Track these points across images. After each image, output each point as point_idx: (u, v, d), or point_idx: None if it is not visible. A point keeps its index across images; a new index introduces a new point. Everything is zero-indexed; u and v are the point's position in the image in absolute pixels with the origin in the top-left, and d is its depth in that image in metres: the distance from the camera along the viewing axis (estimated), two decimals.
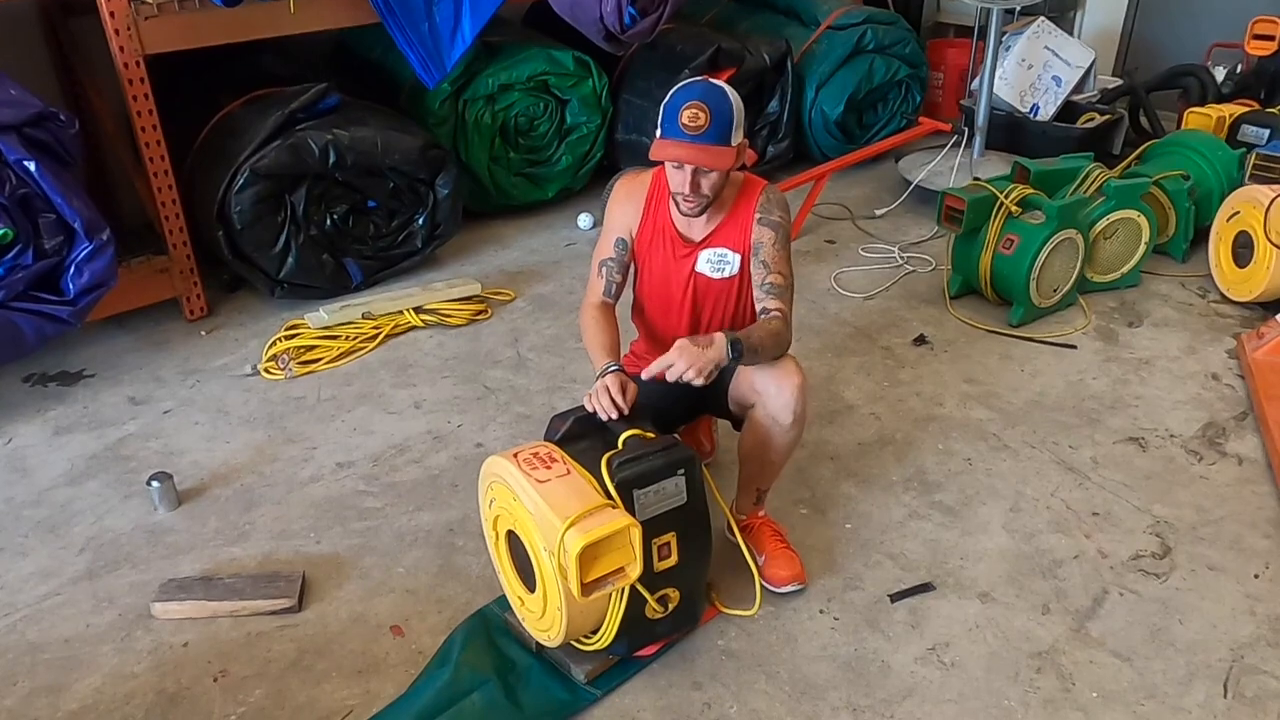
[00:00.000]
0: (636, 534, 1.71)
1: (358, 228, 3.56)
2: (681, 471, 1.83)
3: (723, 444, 2.64)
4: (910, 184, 4.33)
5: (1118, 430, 2.75)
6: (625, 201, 2.21)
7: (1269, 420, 2.66)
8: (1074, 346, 3.20)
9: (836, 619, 2.11)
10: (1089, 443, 2.70)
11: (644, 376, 1.91)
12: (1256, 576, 2.21)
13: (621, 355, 2.17)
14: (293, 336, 3.23)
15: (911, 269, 3.79)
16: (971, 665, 1.98)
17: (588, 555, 1.67)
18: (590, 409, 1.94)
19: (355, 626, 2.11)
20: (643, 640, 1.95)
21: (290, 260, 3.41)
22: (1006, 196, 3.30)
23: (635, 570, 1.74)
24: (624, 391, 1.93)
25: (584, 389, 2.08)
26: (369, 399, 2.97)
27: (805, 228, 4.13)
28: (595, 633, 1.89)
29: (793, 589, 2.15)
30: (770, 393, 2.02)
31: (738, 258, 2.13)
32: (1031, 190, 3.36)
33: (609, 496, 1.75)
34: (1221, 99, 4.51)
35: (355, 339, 3.25)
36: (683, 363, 1.84)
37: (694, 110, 1.91)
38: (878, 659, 2.00)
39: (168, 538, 2.39)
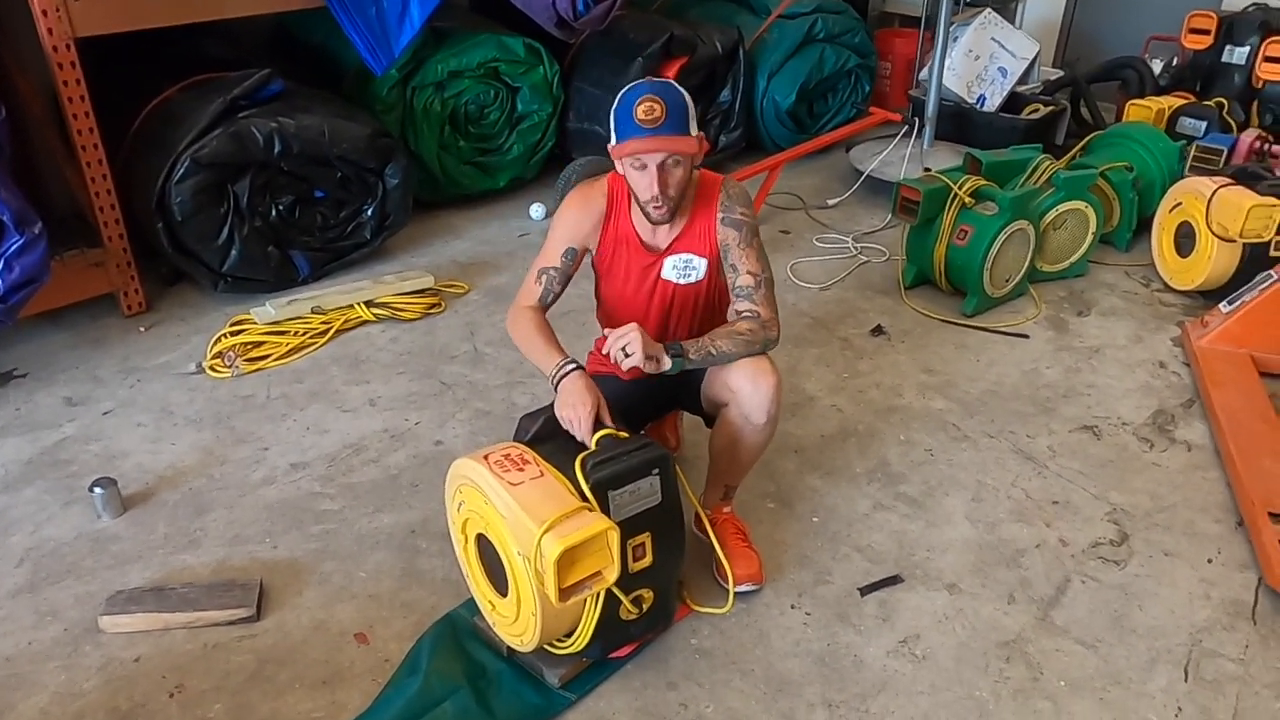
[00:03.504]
0: (615, 537, 1.68)
1: (304, 219, 3.45)
2: (656, 471, 1.80)
3: (689, 439, 2.62)
4: (862, 174, 4.35)
5: (1072, 419, 2.80)
6: (581, 210, 2.10)
7: (1216, 407, 2.74)
8: (1026, 336, 3.26)
9: (808, 614, 2.11)
10: (1045, 431, 2.74)
11: (603, 351, 1.93)
12: (1209, 561, 2.27)
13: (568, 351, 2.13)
14: (238, 332, 3.11)
15: (866, 259, 3.81)
16: (942, 656, 2.00)
17: (565, 560, 1.63)
18: (565, 421, 1.90)
19: (317, 635, 2.04)
20: (617, 642, 1.92)
21: (234, 253, 3.28)
22: (960, 188, 3.33)
23: (612, 574, 1.71)
24: (598, 409, 1.88)
25: (543, 384, 2.04)
26: (321, 396, 2.88)
27: (760, 217, 4.10)
28: (569, 636, 1.86)
29: (748, 589, 2.13)
30: (745, 391, 2.00)
31: (704, 262, 2.09)
32: (984, 181, 3.40)
33: (584, 499, 1.72)
34: (1159, 91, 4.62)
35: (305, 334, 3.15)
36: (639, 355, 1.86)
37: (649, 104, 1.86)
38: (850, 653, 2.01)
39: (113, 546, 2.29)
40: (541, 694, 1.88)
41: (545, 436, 1.90)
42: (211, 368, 2.99)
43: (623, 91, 1.94)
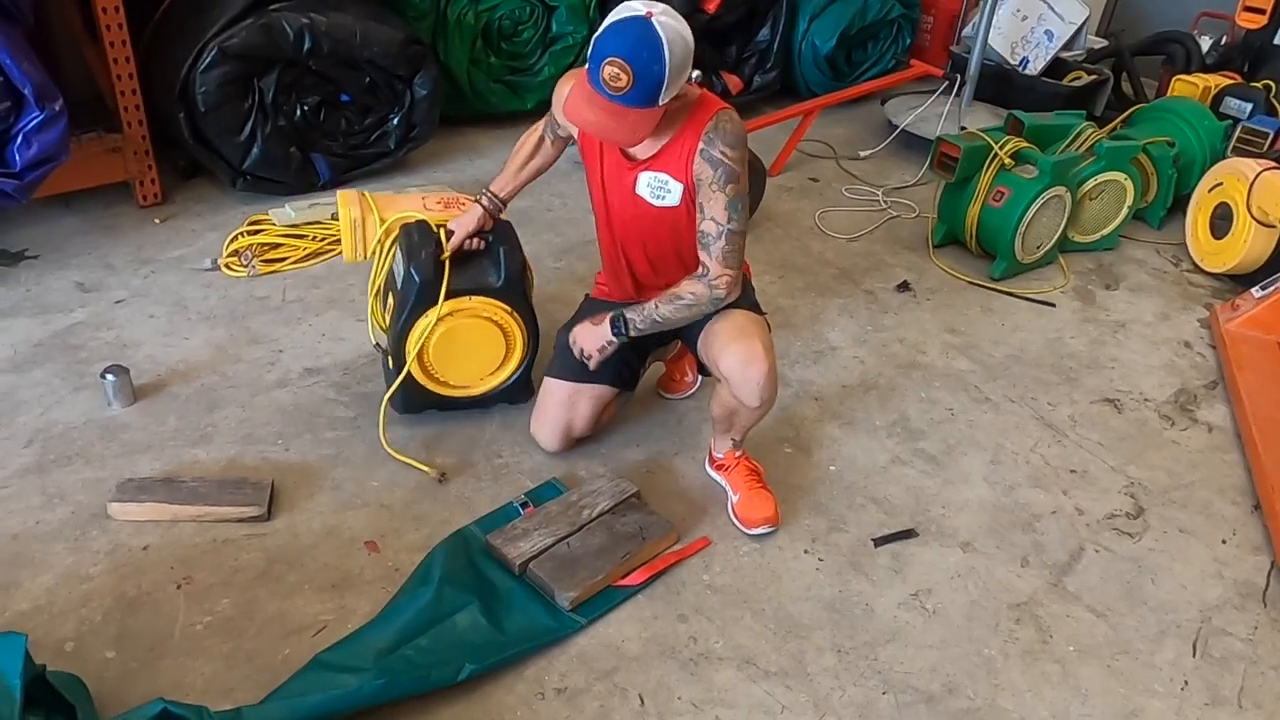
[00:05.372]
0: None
1: (329, 122, 3.37)
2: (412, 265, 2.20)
3: (706, 381, 2.58)
4: (896, 127, 4.26)
5: (1094, 390, 2.77)
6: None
7: (1240, 390, 2.71)
8: (1053, 305, 3.21)
9: (821, 560, 2.09)
10: (1067, 401, 2.71)
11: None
12: (1224, 542, 2.26)
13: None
14: (256, 232, 3.04)
15: (895, 214, 3.74)
16: (953, 613, 1.99)
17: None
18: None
19: (327, 539, 2.02)
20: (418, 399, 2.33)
21: (255, 150, 3.20)
22: (1001, 148, 3.26)
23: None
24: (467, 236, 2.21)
25: (567, 311, 2.17)
26: (338, 304, 2.83)
27: (790, 164, 4.04)
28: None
29: (764, 531, 2.12)
30: (735, 378, 1.97)
31: (680, 188, 1.93)
32: (1025, 144, 3.32)
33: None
34: (1205, 69, 4.51)
35: (323, 240, 3.08)
36: (580, 343, 2.12)
37: (615, 69, 1.70)
38: (862, 601, 2.00)
39: (123, 435, 2.25)
40: (552, 615, 1.87)
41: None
42: (227, 265, 2.93)
43: (612, 18, 1.74)
